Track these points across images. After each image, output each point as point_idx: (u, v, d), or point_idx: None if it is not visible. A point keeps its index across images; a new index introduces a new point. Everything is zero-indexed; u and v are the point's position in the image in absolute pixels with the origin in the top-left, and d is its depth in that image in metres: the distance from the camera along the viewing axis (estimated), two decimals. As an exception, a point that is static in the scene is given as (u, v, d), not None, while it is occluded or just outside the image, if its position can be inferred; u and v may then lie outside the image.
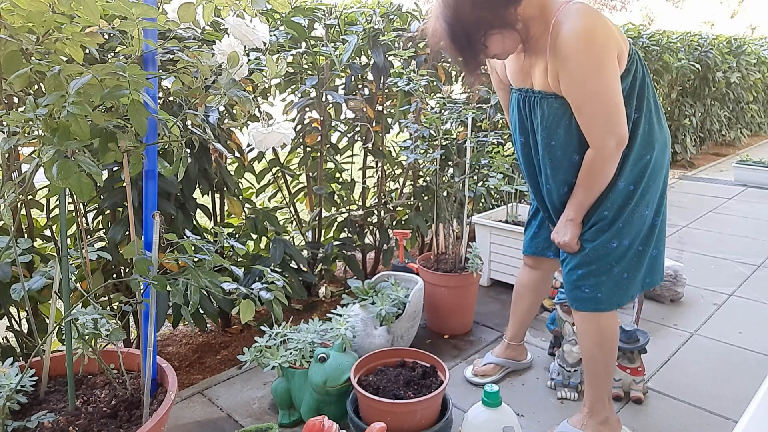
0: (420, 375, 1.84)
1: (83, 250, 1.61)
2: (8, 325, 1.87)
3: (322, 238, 2.89)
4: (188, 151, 2.10)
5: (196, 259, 1.35)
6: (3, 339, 1.86)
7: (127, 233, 1.96)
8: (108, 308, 2.07)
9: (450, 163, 2.94)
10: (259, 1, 1.40)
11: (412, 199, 3.10)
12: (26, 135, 1.16)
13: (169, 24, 1.34)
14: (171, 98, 1.98)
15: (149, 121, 1.33)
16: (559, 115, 1.54)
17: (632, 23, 5.36)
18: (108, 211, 2.13)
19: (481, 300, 2.76)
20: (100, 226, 2.17)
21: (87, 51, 1.29)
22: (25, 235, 1.92)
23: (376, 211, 2.99)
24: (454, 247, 2.52)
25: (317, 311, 2.73)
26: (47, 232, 2.02)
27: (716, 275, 3.13)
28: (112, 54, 1.78)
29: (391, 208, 3.02)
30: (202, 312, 2.24)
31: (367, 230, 2.99)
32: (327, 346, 1.89)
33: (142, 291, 1.39)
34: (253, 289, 1.40)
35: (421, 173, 3.15)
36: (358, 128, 2.84)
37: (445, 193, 2.69)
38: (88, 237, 2.04)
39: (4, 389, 1.38)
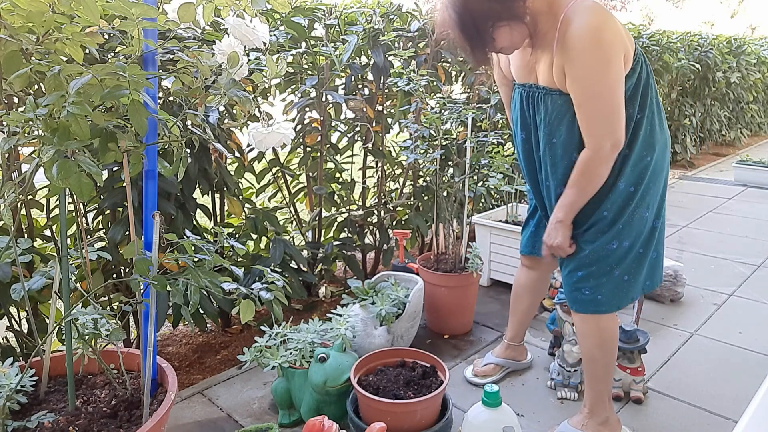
0: (420, 375, 1.84)
1: (83, 250, 1.61)
2: (8, 325, 1.87)
3: (322, 238, 2.89)
4: (188, 151, 2.10)
5: (196, 259, 1.35)
6: (3, 339, 1.86)
7: (127, 233, 1.96)
8: (108, 308, 2.07)
9: (450, 163, 2.93)
10: (259, 1, 1.40)
11: (412, 199, 3.09)
12: (26, 135, 1.16)
13: (169, 24, 1.34)
14: (171, 98, 1.98)
15: (149, 121, 1.33)
16: (563, 112, 1.54)
17: (632, 23, 5.37)
18: (108, 211, 2.13)
19: (481, 300, 2.76)
20: (100, 226, 2.18)
21: (87, 51, 1.29)
22: (25, 235, 1.92)
23: (376, 211, 2.99)
24: (454, 247, 2.52)
25: (317, 311, 2.73)
26: (47, 232, 2.02)
27: (716, 275, 3.13)
28: (112, 54, 1.78)
29: (391, 208, 3.02)
30: (202, 312, 2.24)
31: (367, 230, 2.99)
32: (327, 346, 1.89)
33: (142, 291, 1.39)
34: (253, 289, 1.40)
35: (421, 173, 3.15)
36: (358, 128, 2.84)
37: (445, 193, 2.69)
38: (88, 237, 2.04)
39: (4, 389, 1.38)
